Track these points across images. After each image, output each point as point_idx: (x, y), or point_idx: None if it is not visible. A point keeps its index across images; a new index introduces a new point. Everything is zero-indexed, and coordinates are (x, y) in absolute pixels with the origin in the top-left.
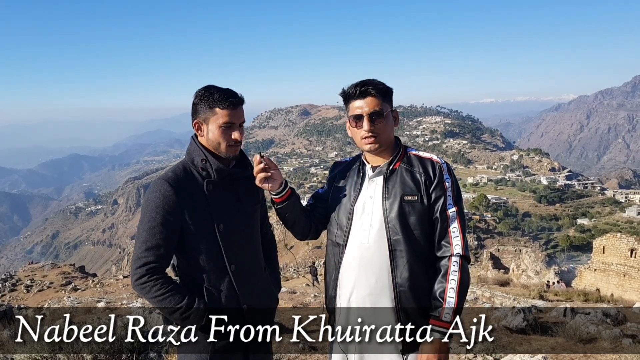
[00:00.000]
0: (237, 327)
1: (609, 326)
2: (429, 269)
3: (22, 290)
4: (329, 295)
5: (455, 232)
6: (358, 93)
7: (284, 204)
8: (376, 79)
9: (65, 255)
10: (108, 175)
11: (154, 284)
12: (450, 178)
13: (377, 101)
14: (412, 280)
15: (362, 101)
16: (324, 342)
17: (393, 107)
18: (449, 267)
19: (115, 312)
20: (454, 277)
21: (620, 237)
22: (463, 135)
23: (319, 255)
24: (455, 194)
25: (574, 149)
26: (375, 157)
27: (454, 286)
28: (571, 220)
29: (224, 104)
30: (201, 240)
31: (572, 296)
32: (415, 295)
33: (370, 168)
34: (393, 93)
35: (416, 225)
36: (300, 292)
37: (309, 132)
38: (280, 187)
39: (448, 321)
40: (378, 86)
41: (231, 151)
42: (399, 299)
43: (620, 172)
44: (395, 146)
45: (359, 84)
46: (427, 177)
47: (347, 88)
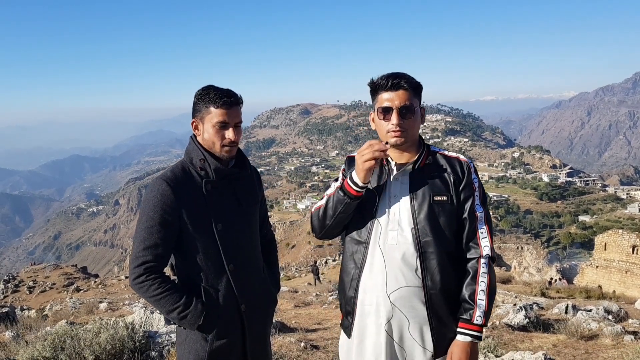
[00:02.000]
0: (235, 327)
1: (610, 323)
2: (458, 271)
3: (25, 291)
4: (348, 296)
5: (484, 233)
6: (390, 85)
7: (357, 201)
8: (405, 74)
9: (68, 256)
10: (109, 176)
11: (151, 283)
12: (477, 178)
13: (409, 95)
14: (444, 283)
15: (393, 94)
16: (326, 341)
17: (421, 105)
18: (479, 269)
19: (117, 312)
20: (483, 279)
21: (622, 234)
22: (464, 133)
23: (321, 254)
24: (482, 195)
25: (575, 146)
26: (399, 153)
27: (484, 288)
28: (573, 217)
29: (218, 103)
30: (199, 240)
31: (574, 293)
32: (447, 299)
33: (395, 165)
34: (422, 89)
35: (446, 226)
36: (302, 291)
37: (309, 131)
38: (367, 183)
39: (480, 324)
40: (410, 80)
41: (225, 151)
42: (431, 303)
43: (622, 169)
44: (419, 144)
45: (391, 75)
46: (455, 176)
47: (376, 79)
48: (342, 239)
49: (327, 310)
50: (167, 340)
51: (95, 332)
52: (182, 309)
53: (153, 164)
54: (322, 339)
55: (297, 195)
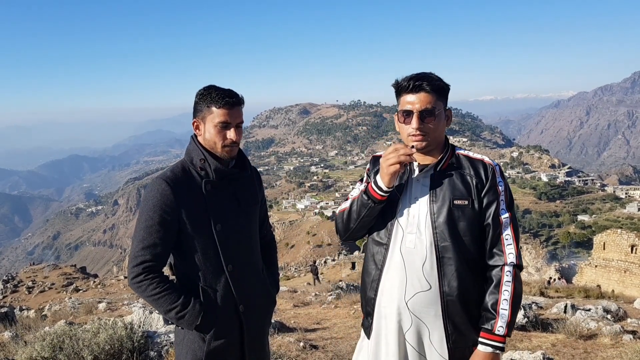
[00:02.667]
0: (233, 328)
1: (609, 322)
2: (478, 278)
3: (24, 291)
4: (368, 297)
5: (509, 239)
6: (411, 87)
7: (381, 205)
8: (433, 74)
9: (67, 256)
10: (108, 176)
11: (150, 283)
12: (503, 182)
13: (431, 98)
14: (461, 289)
15: (415, 96)
16: (325, 340)
17: (447, 106)
18: (502, 277)
19: (116, 312)
20: (507, 288)
21: (621, 234)
22: (463, 132)
23: (320, 254)
24: (508, 199)
25: (574, 146)
26: (422, 155)
27: (507, 297)
28: (572, 217)
29: (220, 103)
30: (198, 240)
31: (573, 292)
32: (464, 306)
33: (417, 166)
34: (449, 91)
35: (466, 231)
36: (301, 291)
37: (308, 131)
38: (392, 187)
39: (502, 334)
40: (434, 82)
41: (226, 152)
42: (447, 309)
43: (621, 168)
44: (444, 147)
45: (414, 77)
46: (478, 180)
47: (400, 80)
48: (365, 240)
49: (326, 310)
50: (165, 340)
51: (94, 332)
52: (180, 309)
53: (152, 164)
54: (321, 339)
55: (297, 195)
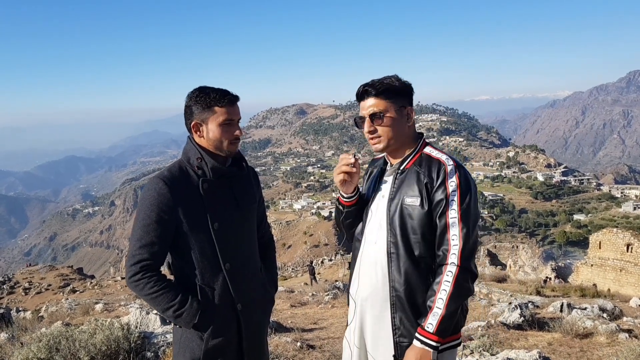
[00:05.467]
0: (231, 326)
1: (605, 321)
2: (426, 276)
3: (21, 292)
4: (350, 288)
5: (455, 240)
6: (360, 94)
7: (350, 209)
8: (389, 77)
9: (63, 257)
10: (105, 177)
11: (147, 282)
12: (455, 181)
13: (378, 102)
14: (407, 286)
15: (364, 102)
16: (322, 340)
17: (408, 104)
18: (442, 276)
19: (113, 313)
20: (445, 287)
21: (617, 233)
22: (459, 132)
23: (317, 254)
24: (461, 198)
25: (570, 145)
26: (392, 156)
27: (443, 296)
28: (567, 216)
29: (222, 102)
30: (195, 239)
31: (569, 291)
32: (411, 303)
33: (390, 166)
34: (404, 89)
35: (415, 229)
36: (298, 290)
37: (305, 132)
38: (354, 191)
39: (430, 331)
40: (377, 86)
41: (233, 148)
42: (394, 304)
43: (616, 168)
44: (414, 145)
45: (362, 85)
46: (429, 179)
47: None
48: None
49: (323, 310)
50: (162, 341)
51: (90, 333)
52: (178, 308)
53: (149, 164)
54: (319, 339)
55: (293, 196)
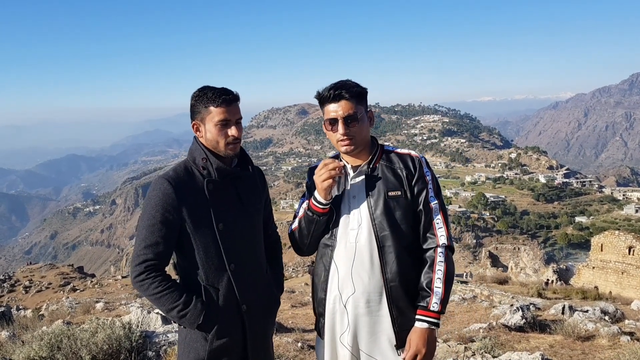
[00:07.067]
0: (235, 327)
1: (607, 324)
2: (416, 262)
3: (21, 291)
4: (319, 298)
5: (439, 223)
6: (332, 97)
7: (326, 216)
8: (350, 81)
9: (64, 255)
10: (106, 176)
11: (152, 282)
12: (430, 172)
13: (351, 104)
14: (402, 274)
15: (337, 105)
16: None
17: (368, 108)
18: (435, 258)
19: (114, 312)
20: (440, 268)
21: (619, 235)
22: (461, 133)
23: None
24: (435, 187)
25: (572, 147)
26: (353, 157)
27: (440, 276)
28: (569, 218)
29: (217, 102)
30: (200, 239)
31: (571, 294)
32: (406, 290)
33: (351, 168)
34: (367, 94)
35: (402, 219)
36: (299, 291)
37: (307, 131)
38: (331, 198)
39: (436, 311)
40: (351, 89)
41: (230, 149)
42: (391, 295)
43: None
44: (372, 146)
45: (333, 87)
46: (408, 171)
47: (321, 91)
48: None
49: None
50: (164, 340)
51: (92, 332)
52: (182, 308)
53: (150, 163)
54: None
55: (294, 196)
